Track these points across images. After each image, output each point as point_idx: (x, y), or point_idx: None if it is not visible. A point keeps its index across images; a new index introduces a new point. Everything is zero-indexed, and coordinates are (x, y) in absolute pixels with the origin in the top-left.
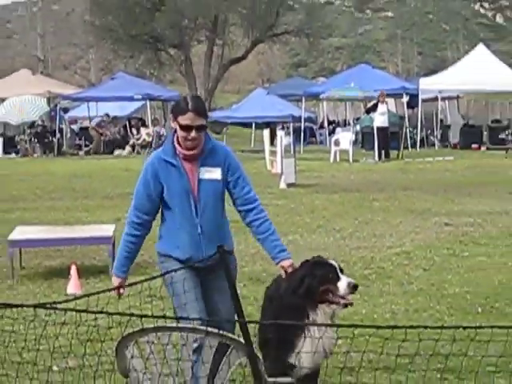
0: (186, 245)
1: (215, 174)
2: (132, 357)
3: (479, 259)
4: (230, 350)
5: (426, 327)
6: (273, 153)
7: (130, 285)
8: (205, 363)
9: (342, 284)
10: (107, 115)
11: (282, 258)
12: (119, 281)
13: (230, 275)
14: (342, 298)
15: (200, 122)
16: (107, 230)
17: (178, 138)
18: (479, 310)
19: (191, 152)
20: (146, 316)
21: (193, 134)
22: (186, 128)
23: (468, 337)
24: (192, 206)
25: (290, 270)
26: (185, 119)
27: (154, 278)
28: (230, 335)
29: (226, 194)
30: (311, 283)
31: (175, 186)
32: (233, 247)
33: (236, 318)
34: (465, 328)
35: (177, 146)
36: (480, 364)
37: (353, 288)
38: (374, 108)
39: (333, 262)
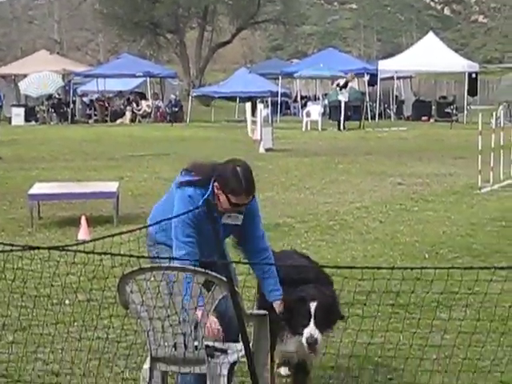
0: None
1: (238, 220)
2: (131, 292)
3: (427, 213)
4: (213, 286)
5: (379, 268)
6: (254, 122)
7: (131, 231)
8: (193, 297)
9: (304, 333)
10: (103, 91)
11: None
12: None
13: (215, 224)
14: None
15: (250, 200)
16: (112, 186)
17: (220, 199)
18: (426, 255)
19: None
20: (143, 257)
21: (240, 208)
22: (236, 205)
23: (415, 277)
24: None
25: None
26: (236, 199)
27: (151, 225)
28: (214, 274)
29: None
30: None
31: (206, 228)
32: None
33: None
34: (412, 269)
35: (217, 202)
36: (425, 300)
37: (309, 345)
38: (345, 86)
39: (311, 307)
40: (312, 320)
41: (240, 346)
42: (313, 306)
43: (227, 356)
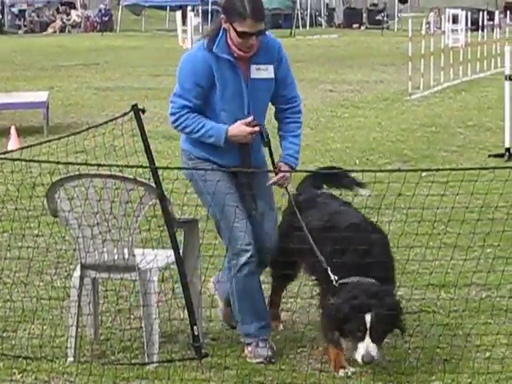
0: (231, 150)
1: (268, 72)
2: (60, 199)
3: (357, 120)
4: (143, 193)
5: (307, 171)
6: (184, 31)
7: (58, 138)
8: (122, 203)
9: (359, 351)
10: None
11: (285, 161)
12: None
13: (144, 131)
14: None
15: (260, 28)
16: (42, 96)
17: (230, 36)
18: (357, 161)
19: (247, 54)
20: (70, 163)
21: (252, 41)
22: (244, 34)
23: None
24: (244, 108)
25: (282, 175)
26: (243, 26)
27: (79, 132)
28: (142, 180)
29: None
30: (338, 324)
31: (229, 86)
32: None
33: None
34: (339, 171)
35: (230, 44)
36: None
37: (364, 363)
38: None
39: (367, 318)
40: (367, 334)
41: (169, 251)
42: (368, 317)
43: (157, 262)
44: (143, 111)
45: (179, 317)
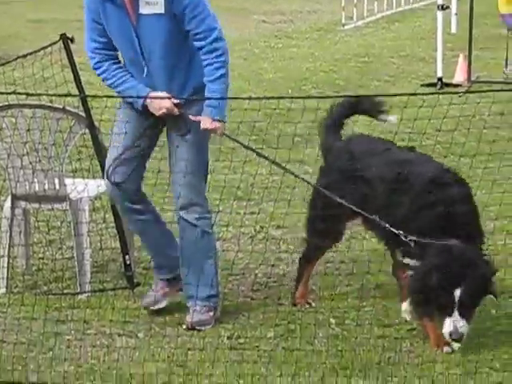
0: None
1: (157, 6)
2: None
3: (291, 50)
4: (72, 122)
5: (235, 98)
6: None
7: None
8: (51, 133)
9: (446, 327)
10: None
11: (205, 114)
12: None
13: (73, 60)
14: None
15: None
16: None
17: None
18: (290, 91)
19: None
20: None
21: None
22: None
23: (273, 108)
24: (136, 47)
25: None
26: None
27: (8, 62)
28: (71, 109)
29: None
30: (424, 296)
31: (113, 22)
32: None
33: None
34: (269, 98)
35: None
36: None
37: (452, 340)
38: None
39: (457, 293)
40: (456, 309)
41: (100, 181)
42: (458, 292)
43: (88, 191)
44: (72, 40)
45: (111, 246)
